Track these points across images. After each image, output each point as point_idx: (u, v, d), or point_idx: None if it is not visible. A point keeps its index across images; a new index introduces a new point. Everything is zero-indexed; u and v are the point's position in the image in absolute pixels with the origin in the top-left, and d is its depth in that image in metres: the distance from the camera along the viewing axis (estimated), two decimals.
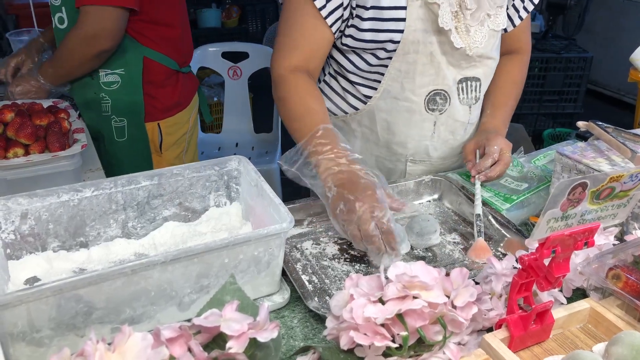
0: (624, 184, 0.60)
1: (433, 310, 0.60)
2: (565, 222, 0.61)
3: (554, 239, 0.61)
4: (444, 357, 0.64)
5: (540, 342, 0.72)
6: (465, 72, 1.15)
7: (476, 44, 1.10)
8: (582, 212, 0.61)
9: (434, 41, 1.08)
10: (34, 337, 0.74)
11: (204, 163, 1.04)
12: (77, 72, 1.61)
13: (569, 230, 0.61)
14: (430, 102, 1.15)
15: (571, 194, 0.58)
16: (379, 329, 0.59)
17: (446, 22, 1.05)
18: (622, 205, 0.64)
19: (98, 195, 0.96)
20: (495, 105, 1.23)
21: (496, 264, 0.75)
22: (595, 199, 0.60)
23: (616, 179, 0.59)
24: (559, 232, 0.61)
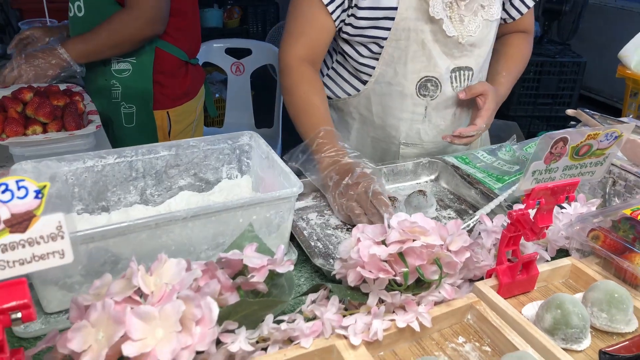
0: (600, 142, 0.68)
1: (430, 251, 0.68)
2: (548, 175, 0.68)
3: (539, 190, 0.68)
4: (440, 296, 0.72)
5: (526, 292, 0.80)
6: (458, 61, 1.21)
7: (469, 33, 1.17)
8: (563, 166, 0.68)
9: (425, 29, 1.14)
10: (66, 282, 0.81)
11: (218, 137, 1.11)
12: (109, 52, 1.63)
13: (552, 184, 0.69)
14: (421, 87, 1.21)
15: (554, 148, 0.65)
16: (382, 265, 0.67)
17: (437, 12, 1.12)
18: (599, 163, 0.71)
19: (120, 163, 1.03)
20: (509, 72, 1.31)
21: (487, 222, 0.82)
22: (575, 155, 0.68)
23: (593, 136, 0.66)
24: (543, 185, 0.69)
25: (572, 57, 3.42)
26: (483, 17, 1.18)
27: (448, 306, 0.73)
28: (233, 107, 2.89)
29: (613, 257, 0.79)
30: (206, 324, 0.56)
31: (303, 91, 1.17)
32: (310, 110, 1.15)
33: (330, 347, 0.66)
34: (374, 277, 0.66)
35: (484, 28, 1.19)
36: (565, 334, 0.69)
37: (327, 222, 1.09)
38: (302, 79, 1.18)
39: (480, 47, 1.23)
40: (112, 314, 0.54)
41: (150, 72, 1.77)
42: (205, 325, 0.56)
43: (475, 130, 1.19)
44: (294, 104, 1.19)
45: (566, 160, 0.68)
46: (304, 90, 1.17)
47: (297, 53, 1.19)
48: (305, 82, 1.18)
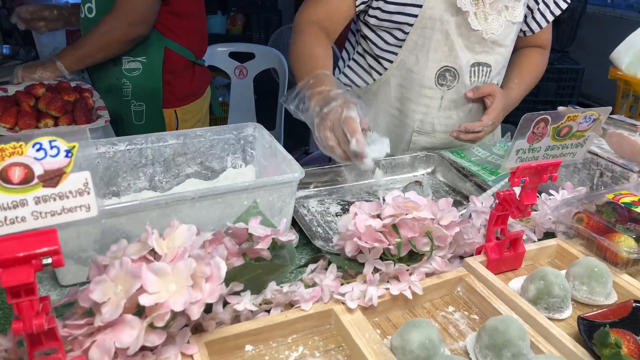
0: (579, 124, 0.73)
1: (422, 223, 0.73)
2: (532, 154, 0.73)
3: (523, 169, 0.74)
4: (431, 267, 0.77)
5: (514, 269, 0.85)
6: (478, 57, 1.25)
7: (492, 30, 1.22)
8: (545, 146, 0.74)
9: (451, 21, 1.19)
10: (80, 257, 0.86)
11: (224, 127, 1.17)
12: (99, 56, 1.68)
13: (535, 163, 0.74)
14: (440, 77, 1.25)
15: (535, 128, 0.70)
16: (377, 236, 0.72)
17: (464, 4, 1.16)
18: (579, 145, 0.76)
19: (131, 150, 1.08)
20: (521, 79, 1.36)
21: (477, 203, 0.88)
22: (557, 136, 0.73)
23: (572, 118, 0.72)
24: (527, 164, 0.74)
25: (571, 64, 3.49)
26: (506, 18, 1.23)
27: (439, 278, 0.78)
28: (236, 110, 2.95)
29: (595, 236, 0.84)
30: (215, 281, 0.61)
31: (307, 43, 1.18)
32: (310, 59, 1.14)
33: (328, 311, 0.71)
34: (370, 247, 0.71)
35: (506, 28, 1.24)
36: (547, 303, 0.74)
37: (327, 209, 1.15)
38: (310, 34, 1.19)
39: (501, 47, 1.27)
40: (129, 270, 0.59)
41: (160, 72, 1.84)
42: (214, 282, 0.61)
43: (481, 127, 1.24)
44: (295, 53, 1.18)
45: (548, 141, 0.73)
46: (308, 42, 1.18)
47: (312, 16, 1.21)
48: (312, 36, 1.19)
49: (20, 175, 0.50)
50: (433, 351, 0.64)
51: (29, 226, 0.51)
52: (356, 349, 0.66)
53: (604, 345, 0.63)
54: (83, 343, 0.60)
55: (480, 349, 0.66)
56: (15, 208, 0.50)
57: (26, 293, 0.51)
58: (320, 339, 0.70)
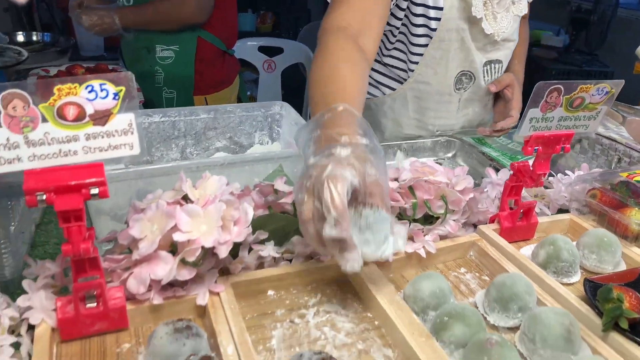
0: (592, 96, 0.76)
1: (437, 186, 0.77)
2: (545, 123, 0.77)
3: (537, 137, 0.77)
4: (445, 230, 0.81)
5: (526, 239, 0.88)
6: (490, 55, 1.27)
7: (503, 29, 1.23)
8: (559, 117, 0.77)
9: (465, 28, 1.19)
10: (117, 214, 0.92)
11: (253, 104, 1.22)
12: (153, 26, 1.81)
13: (549, 133, 0.78)
14: (457, 82, 1.27)
15: (549, 97, 0.74)
16: (395, 196, 0.76)
17: (478, 11, 1.17)
18: (592, 117, 0.79)
19: (165, 121, 1.15)
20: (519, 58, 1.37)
21: (492, 174, 0.91)
22: (570, 107, 0.76)
23: (585, 89, 0.75)
24: (540, 133, 0.77)
25: (599, 66, 3.46)
26: (514, 13, 1.25)
27: (452, 241, 0.82)
28: None
29: (607, 210, 0.87)
30: (242, 225, 0.67)
31: (330, 60, 0.89)
32: (332, 83, 0.84)
33: None
34: None
35: (513, 23, 1.26)
36: (556, 267, 0.77)
37: None
38: (336, 46, 0.92)
39: (510, 41, 1.29)
40: (164, 211, 0.65)
41: (192, 60, 1.91)
42: (242, 225, 0.67)
43: (513, 123, 1.26)
44: (313, 74, 0.89)
45: (561, 111, 0.77)
46: (332, 59, 0.89)
47: (340, 21, 0.97)
48: (337, 49, 0.91)
49: (74, 113, 0.56)
50: (443, 300, 0.68)
51: (79, 159, 0.57)
52: (370, 296, 0.70)
53: (606, 301, 0.66)
54: (121, 275, 0.66)
55: (488, 303, 0.70)
56: (69, 142, 0.56)
57: (75, 219, 0.57)
58: (337, 288, 0.75)
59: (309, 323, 0.68)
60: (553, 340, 0.62)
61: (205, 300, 0.67)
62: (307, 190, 0.62)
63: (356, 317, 0.70)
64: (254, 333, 0.66)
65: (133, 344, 0.64)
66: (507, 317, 0.68)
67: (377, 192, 0.64)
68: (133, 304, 0.65)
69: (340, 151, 0.64)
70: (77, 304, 0.62)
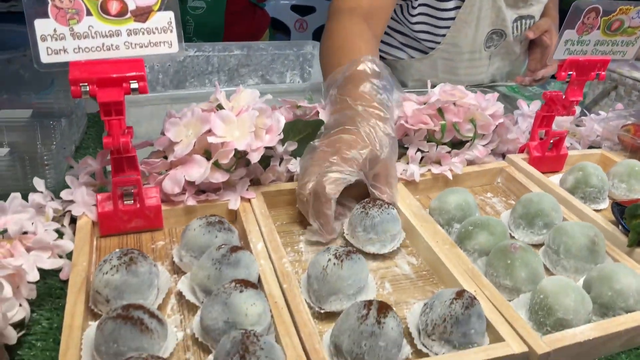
0: (632, 19, 0.75)
1: (467, 109, 0.78)
2: (580, 47, 0.76)
3: (571, 62, 0.77)
4: (472, 154, 0.81)
5: (555, 171, 0.88)
6: (521, 11, 1.24)
7: None
8: (595, 40, 0.76)
9: None
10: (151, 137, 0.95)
11: (285, 43, 1.23)
12: None
13: (584, 57, 0.77)
14: (488, 40, 1.24)
15: (585, 18, 0.73)
16: (424, 118, 0.77)
17: None
18: (630, 43, 0.78)
19: (199, 56, 1.17)
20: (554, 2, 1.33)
21: (524, 106, 0.91)
22: (607, 30, 0.75)
23: (625, 11, 0.73)
24: (575, 57, 0.77)
25: None
26: None
27: (480, 167, 0.82)
28: None
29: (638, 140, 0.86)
30: (274, 132, 0.69)
31: (340, 33, 0.91)
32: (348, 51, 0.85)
33: None
34: (417, 127, 0.76)
35: None
36: (584, 192, 0.77)
37: None
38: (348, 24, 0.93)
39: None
40: (199, 116, 0.67)
41: (223, 11, 1.92)
42: (274, 133, 0.68)
43: (553, 72, 1.23)
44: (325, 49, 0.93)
45: (598, 35, 0.75)
46: (342, 32, 0.91)
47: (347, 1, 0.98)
48: (346, 25, 0.93)
49: (117, 8, 0.58)
50: (469, 212, 0.69)
51: (121, 54, 0.59)
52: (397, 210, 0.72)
53: (633, 217, 0.66)
54: (157, 178, 0.68)
55: (514, 220, 0.71)
56: (111, 37, 0.58)
57: (116, 113, 0.59)
58: None
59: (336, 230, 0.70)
60: (577, 250, 0.62)
61: (237, 205, 0.69)
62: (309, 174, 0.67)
63: None
64: (283, 237, 0.68)
65: (167, 242, 0.67)
66: (532, 233, 0.69)
67: (383, 174, 0.69)
68: (168, 205, 0.68)
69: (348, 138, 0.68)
70: (116, 200, 0.65)
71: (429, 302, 0.54)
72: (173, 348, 0.51)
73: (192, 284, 0.57)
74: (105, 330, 0.47)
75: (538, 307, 0.55)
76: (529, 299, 0.58)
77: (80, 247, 0.60)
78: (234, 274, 0.55)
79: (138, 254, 0.55)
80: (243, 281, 0.52)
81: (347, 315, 0.51)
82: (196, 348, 0.52)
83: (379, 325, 0.49)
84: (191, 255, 0.60)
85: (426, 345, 0.53)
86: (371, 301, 0.51)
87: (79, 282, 0.55)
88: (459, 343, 0.51)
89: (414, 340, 0.54)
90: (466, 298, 0.53)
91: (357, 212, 0.66)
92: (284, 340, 0.50)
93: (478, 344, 0.52)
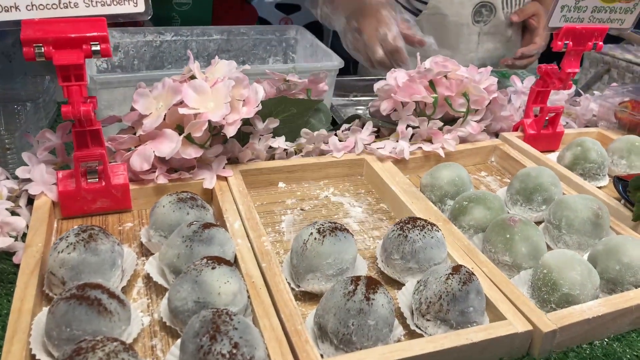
0: None
1: (459, 81, 0.73)
2: (577, 14, 0.72)
3: (568, 30, 0.72)
4: (465, 131, 0.76)
5: (551, 150, 0.84)
6: None
7: None
8: (592, 6, 0.72)
9: None
10: None
11: (267, 27, 1.18)
12: None
13: (581, 25, 0.73)
14: (476, 14, 1.21)
15: None
16: (414, 88, 0.72)
17: None
18: (628, 10, 0.74)
19: (177, 41, 1.11)
20: None
21: (517, 82, 0.86)
22: None
23: None
24: (572, 25, 0.72)
25: None
26: None
27: (473, 145, 0.78)
28: None
29: (636, 115, 0.82)
30: (251, 104, 0.63)
31: None
32: None
33: (360, 160, 0.72)
34: (408, 99, 0.72)
35: None
36: (583, 168, 0.73)
37: None
38: None
39: None
40: (170, 86, 0.62)
41: (210, 7, 1.87)
42: (251, 105, 0.63)
43: (536, 50, 1.20)
44: None
45: (595, 1, 0.71)
46: None
47: None
48: None
49: None
50: (462, 188, 0.65)
51: (80, 12, 0.53)
52: (386, 188, 0.67)
53: (638, 189, 0.61)
54: (124, 155, 0.63)
55: (510, 196, 0.66)
56: None
57: (76, 78, 0.53)
58: (350, 184, 0.71)
59: (320, 211, 0.65)
60: (580, 224, 0.58)
61: (212, 183, 0.64)
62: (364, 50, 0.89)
63: (370, 208, 0.67)
64: (263, 217, 0.63)
65: (136, 224, 0.61)
66: (531, 209, 0.64)
67: None
68: (136, 185, 0.63)
69: None
70: (79, 178, 0.59)
71: (423, 279, 0.49)
72: (137, 333, 0.45)
73: (161, 265, 0.51)
74: (57, 313, 0.41)
75: (541, 283, 0.50)
76: (530, 276, 0.53)
77: (36, 228, 0.55)
78: (207, 252, 0.49)
79: (99, 231, 0.50)
80: (216, 258, 0.47)
81: (332, 292, 0.45)
82: (164, 334, 0.47)
83: (368, 302, 0.43)
84: (160, 234, 0.54)
85: (420, 326, 0.48)
86: (359, 277, 0.46)
87: (32, 263, 0.49)
88: (457, 322, 0.46)
89: (407, 321, 0.49)
90: (463, 273, 0.48)
91: (393, 235, 0.54)
92: (262, 322, 0.45)
93: (477, 323, 0.47)
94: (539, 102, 0.81)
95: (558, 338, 0.47)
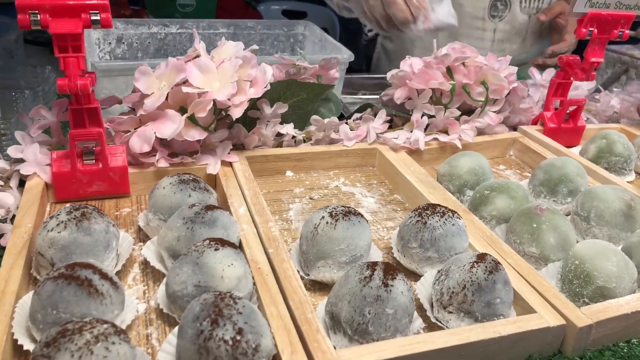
0: None
1: (479, 68, 0.69)
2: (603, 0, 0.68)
3: (593, 16, 0.69)
4: (484, 122, 0.73)
5: (572, 146, 0.80)
6: None
7: None
8: None
9: None
10: None
11: (275, 22, 1.15)
12: None
13: (607, 12, 0.69)
14: (492, 8, 1.18)
15: None
16: (431, 74, 0.68)
17: None
18: None
19: (182, 33, 1.08)
20: None
21: (536, 75, 0.83)
22: None
23: None
24: (597, 11, 0.69)
25: None
26: None
27: (491, 137, 0.74)
28: None
29: None
30: (259, 85, 0.60)
31: None
32: None
33: (372, 150, 0.68)
34: (424, 87, 0.68)
35: None
36: (608, 162, 0.69)
37: None
38: None
39: None
40: (174, 65, 0.58)
41: (214, 9, 1.86)
42: (259, 86, 0.60)
43: (567, 47, 1.17)
44: None
45: None
46: None
47: None
48: None
49: None
50: (483, 178, 0.61)
51: None
52: (400, 178, 0.63)
53: None
54: (123, 137, 0.59)
55: (533, 188, 0.62)
56: None
57: (74, 49, 0.50)
58: (362, 175, 0.68)
59: (331, 200, 0.61)
60: (610, 215, 0.54)
61: (216, 169, 0.60)
62: None
63: (383, 199, 0.63)
64: (270, 205, 0.59)
65: (134, 210, 0.57)
66: (555, 202, 0.60)
67: None
68: (136, 168, 0.59)
69: None
70: (74, 159, 0.55)
71: (444, 268, 0.45)
72: (131, 320, 0.41)
73: (160, 249, 0.47)
74: (43, 294, 0.37)
75: (573, 275, 0.46)
76: (559, 268, 0.49)
77: (26, 209, 0.51)
78: (209, 235, 0.45)
79: (93, 210, 0.46)
80: (219, 239, 0.43)
81: (346, 278, 0.41)
82: (160, 322, 0.43)
83: (386, 289, 0.39)
84: (160, 218, 0.50)
85: (441, 319, 0.44)
86: (376, 262, 0.42)
87: (19, 244, 0.45)
88: (482, 315, 0.42)
89: (426, 313, 0.45)
90: (489, 262, 0.44)
91: (410, 222, 0.50)
92: (269, 309, 0.40)
93: (504, 316, 0.43)
94: (559, 94, 0.77)
95: (593, 335, 0.43)
